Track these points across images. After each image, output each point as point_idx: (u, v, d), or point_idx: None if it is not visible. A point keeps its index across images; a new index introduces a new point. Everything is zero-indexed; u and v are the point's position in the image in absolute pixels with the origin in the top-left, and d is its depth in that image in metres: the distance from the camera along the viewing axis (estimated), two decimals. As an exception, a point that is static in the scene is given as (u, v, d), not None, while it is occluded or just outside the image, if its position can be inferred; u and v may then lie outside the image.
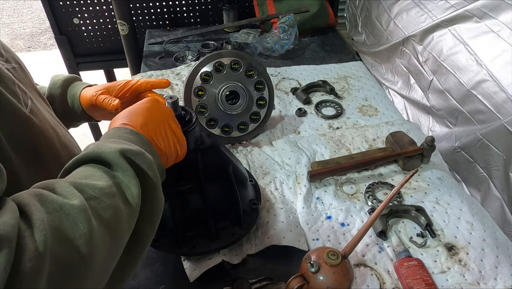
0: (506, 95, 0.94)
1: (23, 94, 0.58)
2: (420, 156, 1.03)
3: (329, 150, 1.10)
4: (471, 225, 0.88)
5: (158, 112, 0.64)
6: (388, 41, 1.46)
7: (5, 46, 0.66)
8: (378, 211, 0.76)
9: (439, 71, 1.18)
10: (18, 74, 0.63)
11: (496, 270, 0.80)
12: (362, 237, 0.75)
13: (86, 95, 0.83)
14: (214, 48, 1.62)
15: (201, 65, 1.08)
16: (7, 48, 0.67)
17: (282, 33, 1.54)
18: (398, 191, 0.80)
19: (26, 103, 0.57)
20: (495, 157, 0.97)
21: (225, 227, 0.84)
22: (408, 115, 1.39)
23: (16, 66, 0.64)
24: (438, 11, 1.23)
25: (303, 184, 0.98)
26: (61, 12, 1.76)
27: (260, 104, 1.13)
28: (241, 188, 0.85)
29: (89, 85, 0.87)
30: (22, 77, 0.65)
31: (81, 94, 0.84)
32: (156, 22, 1.86)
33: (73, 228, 0.40)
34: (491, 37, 1.04)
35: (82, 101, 0.84)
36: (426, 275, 0.78)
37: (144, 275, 0.81)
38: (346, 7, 2.03)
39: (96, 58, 1.93)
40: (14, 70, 0.62)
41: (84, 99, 0.84)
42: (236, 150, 1.11)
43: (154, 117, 0.63)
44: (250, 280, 0.77)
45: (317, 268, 0.70)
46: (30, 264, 0.35)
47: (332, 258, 0.70)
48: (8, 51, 0.66)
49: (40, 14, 4.66)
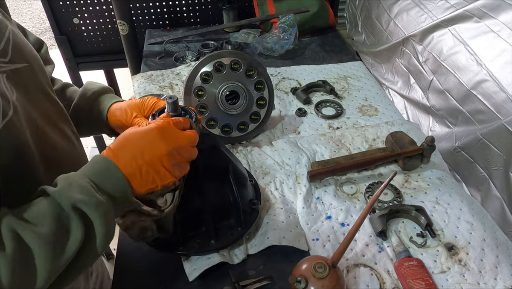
0: (506, 95, 0.94)
1: (5, 103, 0.55)
2: (420, 156, 1.03)
3: (329, 150, 1.10)
4: (471, 225, 0.89)
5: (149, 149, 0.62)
6: (388, 41, 1.46)
7: (18, 43, 0.63)
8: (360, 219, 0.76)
9: (439, 71, 1.18)
10: (18, 77, 0.60)
11: (496, 270, 0.80)
12: (348, 244, 0.74)
13: (115, 114, 0.84)
14: (214, 48, 1.62)
15: (201, 65, 1.08)
16: (21, 46, 0.64)
17: (282, 33, 1.54)
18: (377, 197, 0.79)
19: (6, 114, 0.55)
20: (495, 157, 0.97)
21: (224, 227, 0.84)
22: (408, 115, 1.38)
23: (21, 66, 0.62)
24: (438, 11, 1.23)
25: (303, 184, 0.98)
26: (61, 12, 1.76)
27: (260, 104, 1.13)
28: (241, 188, 0.85)
29: (118, 101, 0.87)
30: (23, 80, 0.62)
31: (109, 111, 0.85)
32: (156, 22, 1.86)
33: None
34: (491, 37, 1.04)
35: (110, 118, 0.85)
36: (426, 275, 0.78)
37: (144, 275, 0.81)
38: (346, 7, 2.03)
39: (96, 58, 1.93)
40: (13, 73, 0.60)
41: (113, 118, 0.84)
42: (236, 150, 1.11)
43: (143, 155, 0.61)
44: (250, 280, 0.77)
45: (304, 284, 0.69)
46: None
47: (319, 271, 0.70)
48: (20, 49, 0.63)
49: (40, 14, 4.67)
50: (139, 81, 1.41)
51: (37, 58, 0.68)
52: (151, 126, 0.64)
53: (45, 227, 0.51)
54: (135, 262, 0.83)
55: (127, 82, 1.97)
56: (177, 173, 0.65)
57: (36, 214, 0.52)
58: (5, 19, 0.64)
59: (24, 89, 0.62)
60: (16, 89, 0.60)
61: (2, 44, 0.59)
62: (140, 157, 0.61)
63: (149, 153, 0.62)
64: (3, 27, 0.61)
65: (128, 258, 0.84)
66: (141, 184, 0.62)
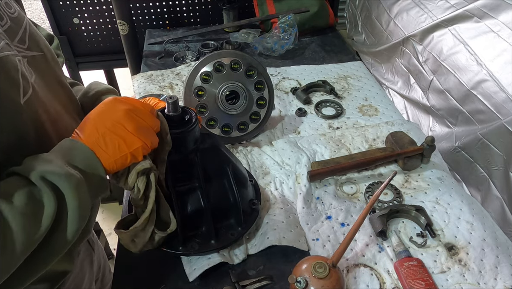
0: (506, 95, 0.94)
1: (25, 82, 0.57)
2: (420, 156, 1.03)
3: (329, 149, 1.10)
4: (471, 225, 0.88)
5: (108, 114, 0.62)
6: (388, 41, 1.46)
7: (34, 34, 0.65)
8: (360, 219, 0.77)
9: (439, 71, 1.18)
10: (35, 63, 0.63)
11: (496, 270, 0.80)
12: (348, 244, 0.75)
13: None
14: (214, 48, 1.62)
15: (201, 65, 1.08)
16: (36, 37, 0.66)
17: (282, 33, 1.54)
18: (377, 197, 0.80)
19: (26, 92, 0.57)
20: (495, 156, 0.97)
21: (225, 227, 0.84)
22: (408, 115, 1.38)
23: (37, 55, 0.64)
24: (438, 11, 1.23)
25: (303, 184, 0.98)
26: (61, 12, 1.76)
27: (260, 104, 1.13)
28: (241, 188, 0.85)
29: None
30: (40, 66, 0.64)
31: None
32: (156, 22, 1.86)
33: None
34: (491, 37, 1.04)
35: None
36: (426, 275, 0.78)
37: (144, 275, 0.81)
38: (346, 7, 2.03)
39: (96, 58, 1.93)
40: (32, 59, 0.62)
41: None
42: (236, 150, 1.11)
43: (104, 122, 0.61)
44: (250, 280, 0.77)
45: (304, 284, 0.69)
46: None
47: (319, 271, 0.70)
48: (36, 40, 0.65)
49: (40, 14, 4.66)
50: (139, 81, 1.41)
51: (50, 50, 0.70)
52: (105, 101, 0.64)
53: (17, 200, 0.50)
54: (135, 262, 0.83)
55: (127, 82, 1.97)
56: (142, 137, 0.63)
57: (7, 189, 0.51)
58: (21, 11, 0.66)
59: (41, 75, 0.63)
60: (35, 73, 0.61)
61: (21, 32, 0.60)
62: (101, 125, 0.60)
63: (109, 119, 0.61)
64: (21, 17, 0.63)
65: (128, 258, 0.84)
66: (109, 154, 0.60)
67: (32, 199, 0.51)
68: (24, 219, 0.50)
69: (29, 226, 0.50)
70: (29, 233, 0.50)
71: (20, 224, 0.49)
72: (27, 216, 0.50)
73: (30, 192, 0.52)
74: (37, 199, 0.52)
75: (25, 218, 0.50)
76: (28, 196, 0.51)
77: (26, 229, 0.50)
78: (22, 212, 0.50)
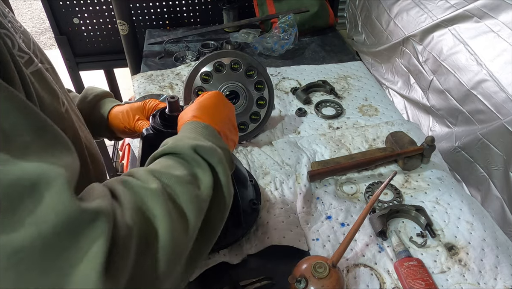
0: (506, 95, 0.94)
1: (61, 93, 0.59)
2: (420, 156, 1.03)
3: (329, 149, 1.10)
4: (471, 225, 0.89)
5: (223, 105, 0.68)
6: (388, 41, 1.46)
7: (39, 48, 0.66)
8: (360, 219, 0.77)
9: (439, 71, 1.18)
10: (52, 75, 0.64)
11: (496, 270, 0.80)
12: (348, 244, 0.75)
13: (117, 117, 0.84)
14: (214, 48, 1.62)
15: (201, 65, 1.08)
16: (42, 51, 0.67)
17: (282, 33, 1.54)
18: (377, 197, 0.81)
19: (64, 102, 0.59)
20: (495, 156, 0.97)
21: (224, 227, 0.84)
22: (408, 115, 1.38)
23: (49, 67, 0.65)
24: (438, 11, 1.23)
25: (303, 184, 0.98)
26: (61, 12, 1.76)
27: (260, 104, 1.13)
28: (241, 188, 0.85)
29: (118, 104, 0.87)
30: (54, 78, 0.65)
31: (110, 114, 0.85)
32: (156, 22, 1.86)
33: (153, 209, 0.44)
34: (491, 37, 1.04)
35: (112, 121, 0.85)
36: (426, 275, 0.78)
37: (144, 275, 0.81)
38: (346, 7, 2.03)
39: (96, 58, 1.93)
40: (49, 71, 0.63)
41: (116, 120, 0.85)
42: (236, 150, 1.11)
43: (220, 110, 0.67)
44: (250, 280, 0.77)
45: (304, 284, 0.69)
46: (123, 239, 0.38)
47: (319, 271, 0.70)
48: (42, 53, 0.66)
49: (40, 14, 4.66)
50: (139, 81, 1.41)
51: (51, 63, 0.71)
52: (211, 94, 0.69)
53: (177, 171, 0.50)
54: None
55: (127, 82, 1.97)
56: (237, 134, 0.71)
57: (163, 165, 0.51)
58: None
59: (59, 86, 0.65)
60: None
61: (31, 46, 0.62)
62: (218, 114, 0.65)
63: (223, 111, 0.67)
64: (27, 31, 0.64)
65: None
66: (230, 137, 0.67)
67: (189, 171, 0.52)
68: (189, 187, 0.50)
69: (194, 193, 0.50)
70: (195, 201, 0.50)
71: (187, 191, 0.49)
72: (190, 184, 0.50)
73: (183, 164, 0.52)
74: (193, 172, 0.52)
75: (189, 186, 0.50)
76: (184, 167, 0.52)
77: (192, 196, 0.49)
78: (185, 181, 0.50)
